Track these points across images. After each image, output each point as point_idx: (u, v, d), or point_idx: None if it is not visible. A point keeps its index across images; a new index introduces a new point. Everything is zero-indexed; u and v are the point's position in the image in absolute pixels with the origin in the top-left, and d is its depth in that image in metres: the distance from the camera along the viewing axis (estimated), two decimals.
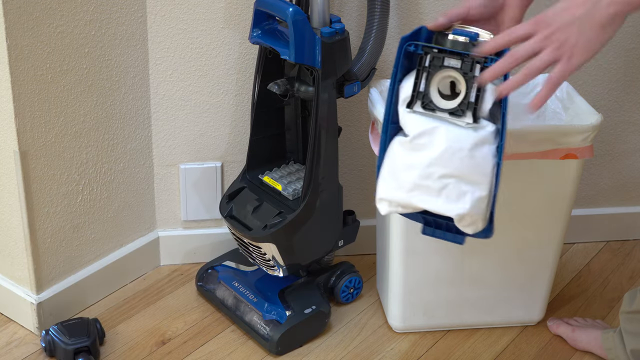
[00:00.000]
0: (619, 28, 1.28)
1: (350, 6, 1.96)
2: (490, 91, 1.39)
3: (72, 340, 1.79)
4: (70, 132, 1.83)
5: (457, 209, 1.40)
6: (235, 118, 2.04)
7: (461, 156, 1.39)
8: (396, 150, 1.46)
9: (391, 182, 1.46)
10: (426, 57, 1.41)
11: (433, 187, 1.41)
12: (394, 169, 1.46)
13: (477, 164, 1.40)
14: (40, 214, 1.83)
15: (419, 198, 1.43)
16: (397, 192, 1.45)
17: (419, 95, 1.42)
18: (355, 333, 1.95)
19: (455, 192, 1.40)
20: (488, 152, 1.40)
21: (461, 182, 1.40)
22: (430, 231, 1.50)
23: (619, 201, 2.29)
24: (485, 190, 1.40)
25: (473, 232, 1.44)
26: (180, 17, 1.92)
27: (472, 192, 1.40)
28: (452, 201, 1.40)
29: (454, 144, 1.39)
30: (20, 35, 1.66)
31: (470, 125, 1.40)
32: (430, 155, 1.41)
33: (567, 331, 1.92)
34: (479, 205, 1.41)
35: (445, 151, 1.40)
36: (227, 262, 2.04)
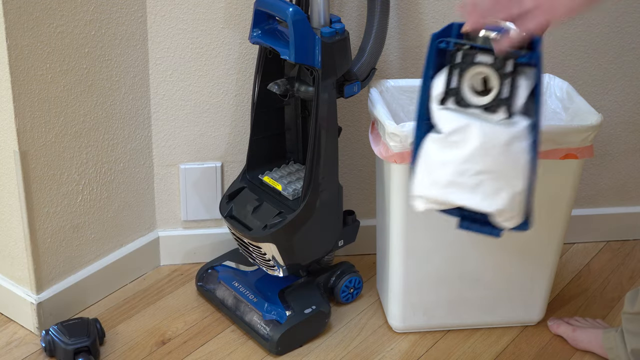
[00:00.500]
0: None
1: (350, 6, 1.96)
2: (524, 87, 1.38)
3: (72, 340, 1.79)
4: (70, 132, 1.83)
5: (494, 205, 1.40)
6: (235, 118, 2.04)
7: (496, 152, 1.38)
8: (430, 148, 1.45)
9: (426, 179, 1.46)
10: (458, 54, 1.40)
11: (469, 183, 1.40)
12: (428, 166, 1.45)
13: (512, 160, 1.39)
14: (40, 214, 1.83)
15: (454, 195, 1.42)
16: (433, 189, 1.44)
17: (451, 91, 1.41)
18: (355, 333, 1.95)
19: (491, 188, 1.40)
20: (522, 147, 1.39)
21: (497, 178, 1.39)
22: (466, 225, 1.49)
23: (619, 201, 2.29)
24: (521, 185, 1.40)
25: (512, 226, 1.43)
26: (180, 17, 1.92)
27: (508, 188, 1.39)
28: (488, 197, 1.40)
29: (488, 140, 1.39)
30: (20, 35, 1.66)
31: (504, 121, 1.38)
32: (464, 152, 1.40)
33: (567, 331, 1.92)
34: (515, 200, 1.40)
35: (480, 148, 1.39)
36: (227, 262, 2.04)
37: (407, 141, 1.69)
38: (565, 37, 2.07)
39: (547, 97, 1.95)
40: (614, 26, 2.07)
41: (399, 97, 1.92)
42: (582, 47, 2.09)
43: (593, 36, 2.08)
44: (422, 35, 2.01)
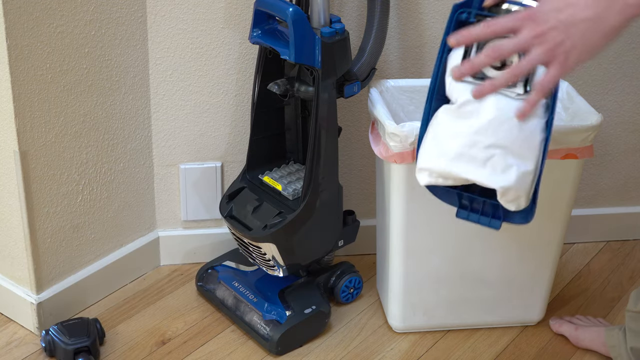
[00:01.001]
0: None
1: (350, 6, 1.96)
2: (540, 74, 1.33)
3: (72, 340, 1.79)
4: (70, 132, 1.83)
5: (502, 181, 1.36)
6: (235, 118, 2.04)
7: (509, 126, 1.34)
8: (441, 118, 1.41)
9: (434, 150, 1.41)
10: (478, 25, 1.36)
11: (478, 156, 1.36)
12: (437, 137, 1.41)
13: (525, 137, 1.35)
14: (40, 214, 1.83)
15: (462, 167, 1.38)
16: (440, 160, 1.40)
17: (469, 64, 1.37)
18: (355, 333, 1.95)
19: (501, 164, 1.35)
20: (537, 125, 1.36)
21: (508, 154, 1.35)
22: (464, 214, 1.46)
23: (619, 201, 2.29)
24: (531, 165, 1.36)
25: (516, 208, 1.38)
26: (180, 17, 1.92)
27: (518, 165, 1.35)
28: (497, 173, 1.36)
29: (502, 113, 1.34)
30: (20, 35, 1.66)
31: (521, 97, 1.34)
32: (477, 123, 1.36)
33: (570, 330, 1.92)
34: (524, 180, 1.36)
35: (494, 120, 1.35)
36: (227, 262, 2.04)
37: (407, 141, 1.69)
38: None
39: None
40: None
41: (399, 97, 1.92)
42: None
43: None
44: (422, 35, 2.01)
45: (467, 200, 1.45)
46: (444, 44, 1.41)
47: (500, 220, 1.44)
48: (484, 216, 1.45)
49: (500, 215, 1.44)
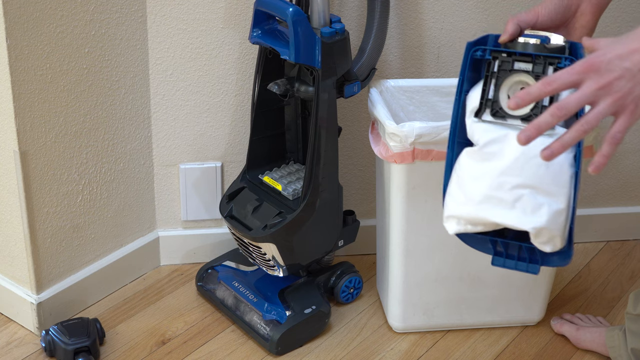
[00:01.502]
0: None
1: (350, 6, 1.96)
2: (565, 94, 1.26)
3: (72, 340, 1.79)
4: (70, 132, 1.83)
5: (533, 222, 1.29)
6: (235, 118, 2.04)
7: (536, 164, 1.28)
8: (464, 162, 1.35)
9: (459, 196, 1.35)
10: (494, 62, 1.32)
11: (506, 198, 1.30)
12: (461, 182, 1.35)
13: (553, 174, 1.29)
14: (40, 214, 1.83)
15: (490, 211, 1.31)
16: (466, 206, 1.34)
17: (487, 102, 1.32)
18: (355, 333, 1.94)
19: (531, 204, 1.29)
20: (564, 160, 1.30)
21: (537, 193, 1.29)
22: (500, 262, 1.39)
23: (619, 201, 2.29)
24: (563, 203, 1.29)
25: (551, 249, 1.31)
26: (180, 17, 1.92)
27: (549, 204, 1.29)
28: (527, 214, 1.29)
29: (527, 151, 1.28)
30: (20, 35, 1.66)
31: (547, 132, 1.25)
32: (501, 164, 1.30)
33: (571, 330, 1.92)
34: (556, 219, 1.29)
35: (518, 159, 1.29)
36: (227, 262, 2.04)
37: (407, 141, 1.69)
38: None
39: None
40: (614, 26, 2.07)
41: (399, 97, 1.92)
42: None
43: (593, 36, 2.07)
44: (422, 35, 2.01)
45: (502, 247, 1.39)
46: (461, 85, 1.37)
47: (539, 264, 1.37)
48: (521, 262, 1.38)
49: (538, 259, 1.37)
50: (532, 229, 1.30)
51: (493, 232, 1.38)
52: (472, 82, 1.38)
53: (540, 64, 1.30)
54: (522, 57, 1.32)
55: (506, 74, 1.32)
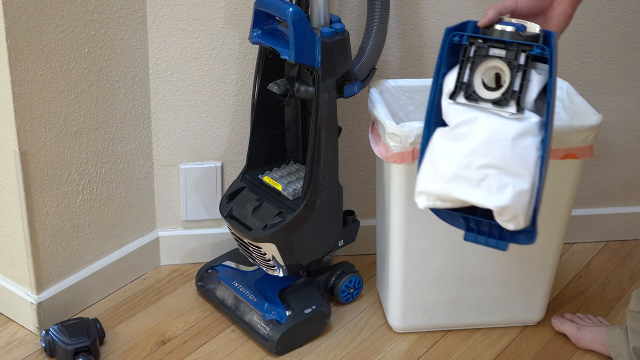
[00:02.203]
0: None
1: (350, 6, 1.96)
2: (537, 81, 1.36)
3: (72, 340, 1.79)
4: (70, 132, 1.83)
5: (497, 201, 1.35)
6: (235, 118, 2.04)
7: (503, 146, 1.35)
8: (436, 142, 1.42)
9: (430, 173, 1.42)
10: (471, 48, 1.39)
11: (473, 177, 1.36)
12: (433, 160, 1.42)
13: (520, 156, 1.35)
14: (40, 214, 1.83)
15: (457, 189, 1.38)
16: (435, 183, 1.40)
17: (462, 86, 1.39)
18: (355, 333, 1.95)
19: (496, 184, 1.35)
20: (531, 143, 1.35)
21: (502, 174, 1.35)
22: (472, 237, 1.45)
23: (619, 201, 2.29)
24: (527, 184, 1.35)
25: (514, 228, 1.37)
26: (180, 17, 1.92)
27: (513, 185, 1.35)
28: (492, 193, 1.36)
29: (495, 133, 1.35)
30: (20, 35, 1.66)
31: (514, 116, 1.35)
32: (470, 144, 1.37)
33: (571, 329, 1.92)
34: (520, 199, 1.35)
35: (486, 140, 1.36)
36: (227, 262, 2.04)
37: (407, 141, 1.69)
38: (565, 37, 2.07)
39: None
40: (614, 26, 2.08)
41: (399, 97, 1.92)
42: (582, 47, 2.09)
43: (593, 36, 2.08)
44: (422, 35, 2.01)
45: (474, 224, 1.44)
46: (439, 69, 1.43)
47: (507, 241, 1.43)
48: (491, 238, 1.44)
49: (507, 237, 1.42)
50: (496, 207, 1.35)
51: (465, 209, 1.44)
52: (451, 66, 1.43)
53: (513, 51, 1.36)
54: (497, 43, 1.38)
55: (481, 59, 1.38)
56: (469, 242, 1.46)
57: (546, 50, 1.34)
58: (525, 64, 1.35)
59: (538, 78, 1.36)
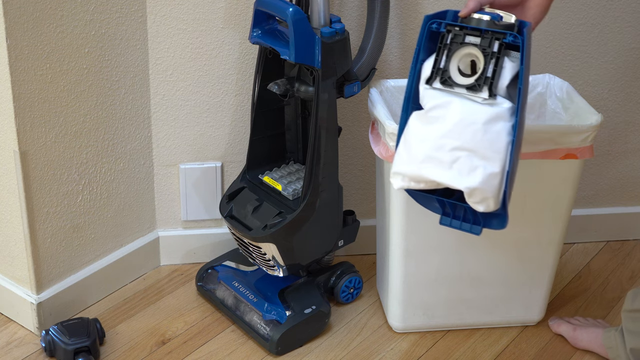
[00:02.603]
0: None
1: (350, 6, 1.96)
2: (509, 68, 1.41)
3: (72, 340, 1.79)
4: (70, 132, 1.83)
5: (467, 182, 1.40)
6: (235, 118, 2.04)
7: (474, 129, 1.39)
8: (411, 125, 1.47)
9: (405, 155, 1.46)
10: (448, 35, 1.44)
11: (445, 159, 1.41)
12: (408, 143, 1.46)
13: (491, 139, 1.40)
14: (40, 214, 1.83)
15: (430, 170, 1.42)
16: (410, 164, 1.45)
17: (438, 71, 1.44)
18: (355, 333, 1.94)
19: (467, 166, 1.40)
20: (502, 128, 1.40)
21: (473, 156, 1.40)
22: (447, 221, 1.50)
23: (619, 201, 2.29)
24: (497, 167, 1.40)
25: (484, 209, 1.42)
26: (180, 17, 1.92)
27: (484, 167, 1.39)
28: (463, 174, 1.40)
29: (467, 116, 1.40)
30: (20, 35, 1.66)
31: (487, 101, 1.40)
32: (443, 127, 1.41)
33: (568, 330, 1.92)
34: (490, 181, 1.40)
35: (459, 123, 1.40)
36: (227, 262, 2.04)
37: None
38: (565, 37, 2.07)
39: (547, 97, 1.95)
40: (614, 26, 2.08)
41: (399, 97, 1.92)
42: (582, 47, 2.09)
43: (593, 36, 2.08)
44: None
45: (450, 208, 1.49)
46: (417, 55, 1.48)
47: (481, 226, 1.48)
48: (466, 222, 1.49)
49: (480, 222, 1.48)
50: (466, 189, 1.40)
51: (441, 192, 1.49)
52: (430, 53, 1.48)
53: (488, 39, 1.41)
54: (473, 31, 1.43)
55: (457, 46, 1.44)
56: (444, 226, 1.51)
57: (518, 39, 1.40)
58: (498, 52, 1.40)
59: (511, 65, 1.41)
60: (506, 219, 1.45)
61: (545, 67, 2.06)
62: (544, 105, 1.95)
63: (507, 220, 1.45)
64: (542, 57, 2.07)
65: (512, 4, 1.49)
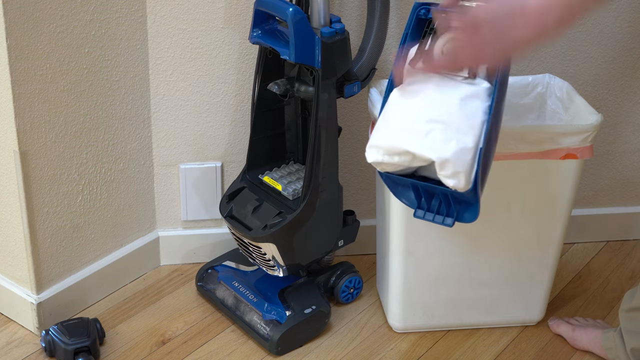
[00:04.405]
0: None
1: (350, 6, 1.96)
2: None
3: (72, 340, 1.79)
4: (70, 132, 1.83)
5: (440, 152, 1.41)
6: (235, 118, 2.04)
7: (451, 103, 1.42)
8: (391, 100, 1.50)
9: (383, 129, 1.49)
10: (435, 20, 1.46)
11: (420, 129, 1.43)
12: (386, 117, 1.49)
13: (466, 115, 1.42)
14: (40, 214, 1.83)
15: (404, 140, 1.44)
16: (386, 136, 1.47)
17: (422, 53, 1.45)
18: (355, 333, 1.94)
19: (441, 137, 1.41)
20: (479, 106, 1.43)
21: (448, 129, 1.41)
22: (421, 214, 1.52)
23: (619, 201, 2.29)
24: (471, 143, 1.41)
25: (454, 185, 1.42)
26: (180, 17, 1.92)
27: (457, 140, 1.41)
28: (436, 144, 1.41)
29: (445, 91, 1.43)
30: (20, 35, 1.66)
31: (466, 81, 1.44)
32: (421, 101, 1.44)
33: (567, 330, 1.92)
34: (463, 155, 1.41)
35: (437, 97, 1.43)
36: (227, 262, 2.04)
37: None
38: (565, 37, 2.07)
39: (547, 97, 1.95)
40: (614, 26, 2.07)
41: None
42: (582, 47, 2.09)
43: (593, 36, 2.08)
44: None
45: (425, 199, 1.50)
46: (405, 38, 1.51)
47: (453, 219, 1.50)
48: (439, 215, 1.51)
49: (453, 215, 1.49)
50: (438, 159, 1.41)
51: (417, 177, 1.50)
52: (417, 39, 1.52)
53: None
54: None
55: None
56: (418, 218, 1.52)
57: None
58: None
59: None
60: (478, 209, 1.47)
61: (545, 67, 2.06)
62: (544, 105, 1.95)
63: (478, 211, 1.47)
64: (542, 57, 2.07)
65: None
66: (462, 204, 1.48)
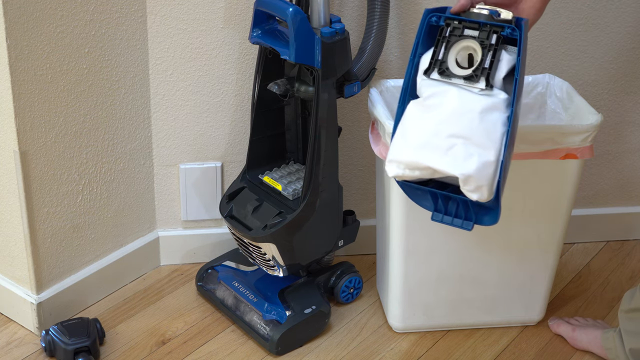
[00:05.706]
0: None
1: (350, 6, 1.96)
2: (506, 61, 1.43)
3: (72, 340, 1.79)
4: (70, 132, 1.83)
5: (462, 169, 1.40)
6: (235, 118, 2.04)
7: (471, 117, 1.41)
8: (408, 113, 1.48)
9: (401, 142, 1.47)
10: (447, 28, 1.46)
11: (441, 145, 1.42)
12: (405, 130, 1.47)
13: (486, 129, 1.41)
14: (40, 214, 1.83)
15: (425, 156, 1.43)
16: (405, 151, 1.46)
17: (436, 63, 1.46)
18: (355, 333, 1.94)
19: (463, 153, 1.40)
20: (498, 118, 1.42)
21: (469, 144, 1.41)
22: (439, 217, 1.51)
23: (619, 201, 2.29)
24: (492, 156, 1.41)
25: (478, 198, 1.42)
26: (180, 17, 1.92)
27: (479, 155, 1.40)
28: (458, 161, 1.41)
29: (464, 105, 1.42)
30: (20, 35, 1.66)
31: (484, 92, 1.42)
32: (440, 115, 1.43)
33: (567, 330, 1.92)
34: (485, 170, 1.40)
35: (455, 111, 1.42)
36: (227, 262, 2.04)
37: None
38: (565, 37, 2.07)
39: (547, 97, 1.95)
40: (614, 26, 2.08)
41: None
42: (582, 47, 2.09)
43: (593, 36, 2.08)
44: None
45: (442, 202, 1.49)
46: (416, 48, 1.50)
47: (472, 222, 1.48)
48: (457, 219, 1.50)
49: (472, 218, 1.48)
50: (461, 175, 1.40)
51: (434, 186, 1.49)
52: (428, 47, 1.50)
53: (486, 31, 1.44)
54: (471, 24, 1.45)
55: (456, 39, 1.46)
56: (436, 221, 1.51)
57: (516, 31, 1.42)
58: (496, 44, 1.43)
59: (508, 58, 1.43)
60: (498, 214, 1.46)
61: (545, 67, 2.06)
62: (544, 105, 1.95)
63: (499, 215, 1.46)
64: (542, 57, 2.07)
65: (504, 3, 1.50)
66: (481, 207, 1.47)
